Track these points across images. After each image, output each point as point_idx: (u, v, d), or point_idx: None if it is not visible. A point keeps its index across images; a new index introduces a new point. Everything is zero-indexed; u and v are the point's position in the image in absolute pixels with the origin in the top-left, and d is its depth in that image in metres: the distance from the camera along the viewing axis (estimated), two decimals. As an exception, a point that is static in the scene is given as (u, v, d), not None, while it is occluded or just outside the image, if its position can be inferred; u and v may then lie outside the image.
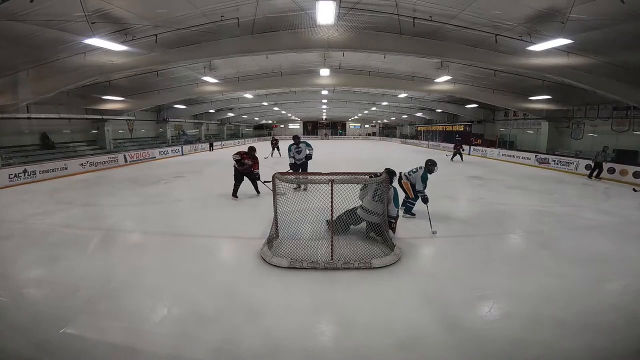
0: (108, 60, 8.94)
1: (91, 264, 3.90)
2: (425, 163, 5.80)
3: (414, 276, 3.60)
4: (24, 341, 2.49)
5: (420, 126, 33.28)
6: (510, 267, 3.88)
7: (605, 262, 4.01)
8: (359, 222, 4.70)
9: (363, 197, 4.66)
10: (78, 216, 6.10)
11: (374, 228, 4.52)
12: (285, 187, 4.41)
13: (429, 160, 5.84)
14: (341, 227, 4.54)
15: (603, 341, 2.51)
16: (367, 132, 48.45)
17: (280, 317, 2.82)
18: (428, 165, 5.76)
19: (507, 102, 16.32)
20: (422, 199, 5.49)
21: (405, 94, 19.48)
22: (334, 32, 8.13)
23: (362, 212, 4.58)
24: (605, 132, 14.01)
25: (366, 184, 4.44)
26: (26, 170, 9.84)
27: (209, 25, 7.68)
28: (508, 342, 2.51)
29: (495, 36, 7.76)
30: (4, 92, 9.91)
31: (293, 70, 13.78)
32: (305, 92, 21.64)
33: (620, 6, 5.61)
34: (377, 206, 4.38)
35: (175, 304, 3.06)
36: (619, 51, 8.03)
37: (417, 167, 5.76)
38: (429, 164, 5.78)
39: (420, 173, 5.59)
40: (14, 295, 3.21)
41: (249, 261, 3.96)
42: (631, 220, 5.99)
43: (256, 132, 44.70)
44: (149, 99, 16.07)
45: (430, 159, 5.88)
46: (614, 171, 10.65)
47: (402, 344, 2.48)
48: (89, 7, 6.11)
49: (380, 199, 4.33)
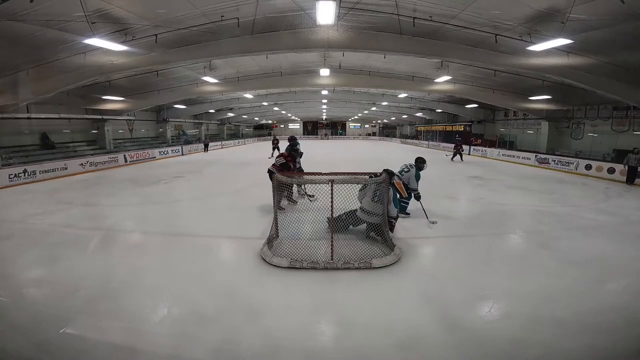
0: (108, 60, 8.94)
1: (91, 264, 3.90)
2: (415, 161, 5.88)
3: (414, 276, 3.60)
4: (24, 341, 2.49)
5: (420, 126, 33.28)
6: (510, 267, 3.88)
7: (605, 262, 4.01)
8: (359, 223, 4.70)
9: (362, 199, 4.66)
10: (78, 216, 6.09)
11: (374, 228, 4.52)
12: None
13: (418, 158, 5.92)
14: (340, 226, 4.55)
15: (603, 341, 2.51)
16: (367, 132, 48.44)
17: (280, 317, 2.82)
18: (418, 163, 5.85)
19: (507, 102, 16.32)
20: (416, 197, 5.62)
21: (405, 94, 19.48)
22: (334, 32, 8.13)
23: (361, 213, 4.58)
24: (605, 132, 14.03)
25: (365, 184, 4.44)
26: (26, 170, 9.85)
27: (209, 25, 7.68)
28: (508, 342, 2.50)
29: (495, 36, 7.76)
30: (4, 92, 9.91)
31: (293, 70, 13.78)
32: (305, 92, 21.64)
33: (620, 6, 5.61)
34: (377, 207, 4.38)
35: (175, 304, 3.06)
36: (619, 51, 8.03)
37: (408, 166, 5.82)
38: (419, 162, 5.87)
39: (412, 172, 5.68)
40: (14, 295, 3.21)
41: (249, 261, 3.96)
42: (631, 220, 5.98)
43: (256, 132, 44.71)
44: (149, 99, 16.07)
45: (420, 157, 5.98)
46: (614, 171, 10.64)
47: (402, 344, 2.47)
48: (89, 7, 6.11)
49: (380, 200, 4.33)
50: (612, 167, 10.79)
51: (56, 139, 14.27)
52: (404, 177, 5.69)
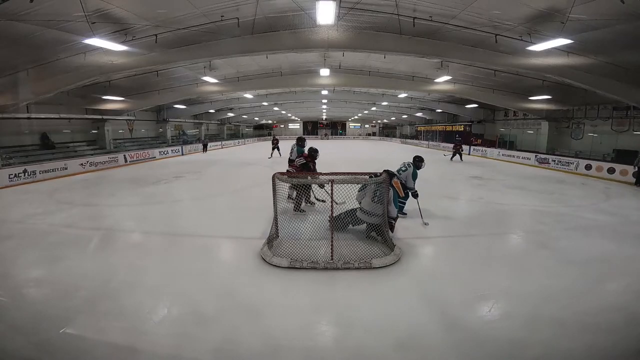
0: (108, 60, 8.94)
1: (91, 264, 3.90)
2: (413, 160, 5.83)
3: (414, 276, 3.60)
4: (24, 341, 2.49)
5: (420, 126, 33.27)
6: (510, 267, 3.88)
7: (605, 262, 4.01)
8: (359, 223, 4.70)
9: (361, 199, 4.65)
10: (78, 216, 6.09)
11: (375, 228, 4.52)
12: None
13: (416, 157, 5.88)
14: (340, 225, 4.55)
15: (603, 341, 2.51)
16: (367, 132, 48.44)
17: (280, 317, 2.82)
18: (416, 161, 5.80)
19: (507, 102, 16.32)
20: (413, 195, 5.61)
21: (405, 94, 19.48)
22: (334, 32, 8.13)
23: (361, 214, 4.58)
24: (605, 132, 14.03)
25: (365, 184, 4.44)
26: (26, 170, 9.84)
27: (209, 25, 7.68)
28: (508, 342, 2.50)
29: (495, 36, 7.76)
30: (4, 92, 9.91)
31: (293, 70, 13.78)
32: (305, 92, 21.64)
33: (620, 6, 5.61)
34: (377, 207, 4.38)
35: (175, 304, 3.06)
36: (619, 51, 8.03)
37: (405, 165, 5.77)
38: (417, 160, 5.82)
39: (410, 171, 5.64)
40: (14, 295, 3.21)
41: (249, 261, 3.96)
42: (631, 220, 5.98)
43: (256, 132, 44.71)
44: (149, 99, 16.07)
45: (418, 155, 5.94)
46: (614, 171, 10.64)
47: (402, 344, 2.47)
48: (89, 7, 6.11)
49: (380, 200, 4.33)
50: (612, 167, 10.78)
51: (56, 139, 14.26)
52: (401, 175, 5.66)
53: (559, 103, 14.70)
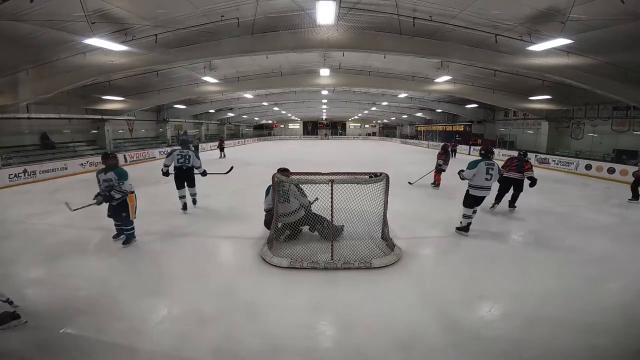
0: (108, 60, 8.94)
1: (91, 263, 3.91)
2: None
3: (414, 276, 3.60)
4: (24, 341, 2.49)
5: (421, 126, 33.28)
6: (510, 267, 3.88)
7: (605, 262, 4.01)
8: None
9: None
10: (78, 216, 6.07)
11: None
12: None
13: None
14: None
15: (603, 341, 2.51)
16: (367, 132, 48.41)
17: (280, 317, 2.82)
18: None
19: (507, 102, 16.32)
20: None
21: (405, 94, 19.47)
22: (334, 32, 8.13)
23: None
24: (605, 132, 14.03)
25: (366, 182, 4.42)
26: (26, 170, 9.84)
27: (209, 25, 7.68)
28: (508, 342, 2.50)
29: (495, 36, 7.75)
30: (4, 92, 9.91)
31: (293, 70, 13.77)
32: (305, 92, 21.61)
33: (620, 6, 5.61)
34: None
35: (175, 304, 3.06)
36: (619, 51, 8.02)
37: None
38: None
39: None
40: (14, 295, 3.20)
41: (249, 261, 3.96)
42: (631, 220, 5.99)
43: (256, 132, 44.72)
44: (149, 99, 16.07)
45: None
46: (614, 171, 10.64)
47: (402, 344, 2.47)
48: (89, 7, 6.10)
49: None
50: (612, 167, 10.79)
51: (56, 139, 14.25)
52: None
53: (559, 103, 14.70)
